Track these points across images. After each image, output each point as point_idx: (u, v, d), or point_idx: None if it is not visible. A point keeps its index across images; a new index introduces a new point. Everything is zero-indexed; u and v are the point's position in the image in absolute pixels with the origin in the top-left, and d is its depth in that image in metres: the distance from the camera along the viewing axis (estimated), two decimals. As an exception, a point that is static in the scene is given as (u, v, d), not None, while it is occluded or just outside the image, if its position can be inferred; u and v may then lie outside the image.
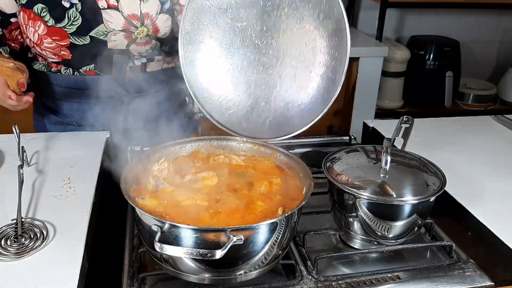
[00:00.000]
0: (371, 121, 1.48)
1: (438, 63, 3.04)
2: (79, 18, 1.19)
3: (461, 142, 1.39)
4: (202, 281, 0.83)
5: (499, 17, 3.42)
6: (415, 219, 0.92)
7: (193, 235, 0.76)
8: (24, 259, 0.84)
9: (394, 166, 0.95)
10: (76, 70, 1.28)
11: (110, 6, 1.20)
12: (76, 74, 1.28)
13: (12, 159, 1.15)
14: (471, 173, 1.21)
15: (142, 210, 0.80)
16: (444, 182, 0.94)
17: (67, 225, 0.93)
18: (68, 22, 1.19)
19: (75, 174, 1.11)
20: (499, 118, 1.55)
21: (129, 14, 1.22)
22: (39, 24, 1.19)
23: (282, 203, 0.88)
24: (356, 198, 0.90)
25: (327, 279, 0.88)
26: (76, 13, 1.19)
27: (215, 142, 1.06)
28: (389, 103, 3.08)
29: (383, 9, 2.82)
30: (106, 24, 1.21)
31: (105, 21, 1.21)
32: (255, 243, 0.78)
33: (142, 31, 1.24)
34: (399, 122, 1.09)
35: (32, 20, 1.19)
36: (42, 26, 1.19)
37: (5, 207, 0.97)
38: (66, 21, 1.19)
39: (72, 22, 1.19)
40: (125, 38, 1.24)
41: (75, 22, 1.19)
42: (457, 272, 0.91)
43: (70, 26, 1.20)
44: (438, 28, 3.27)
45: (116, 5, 1.21)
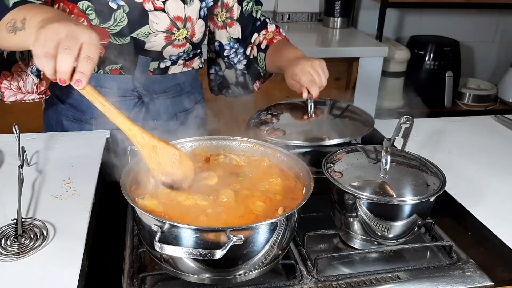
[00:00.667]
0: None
1: (438, 63, 3.04)
2: (125, 19, 1.19)
3: (461, 142, 1.39)
4: (202, 281, 0.83)
5: (499, 17, 3.42)
6: (415, 219, 0.92)
7: (193, 235, 0.76)
8: (24, 259, 0.84)
9: (394, 166, 0.95)
10: (101, 68, 1.27)
11: (156, 8, 1.21)
12: (100, 72, 1.28)
13: (12, 159, 1.15)
14: (471, 173, 1.21)
15: (142, 210, 0.80)
16: (444, 182, 0.94)
17: (67, 225, 0.93)
18: (113, 23, 1.18)
19: (75, 174, 1.11)
20: (499, 118, 1.55)
21: (175, 16, 1.24)
22: (82, 20, 1.17)
23: (282, 203, 0.88)
24: (356, 198, 0.90)
25: (327, 279, 0.88)
26: (123, 14, 1.18)
27: (215, 142, 1.06)
28: (389, 103, 3.08)
29: (383, 9, 2.82)
30: (151, 25, 1.22)
31: (151, 22, 1.21)
32: (255, 243, 0.78)
33: (182, 33, 1.26)
34: (399, 122, 1.09)
35: (75, 15, 1.17)
36: (85, 23, 1.17)
37: (5, 207, 0.97)
38: (111, 22, 1.18)
39: (117, 23, 1.18)
40: (165, 40, 1.25)
41: (121, 23, 1.19)
42: (457, 272, 0.91)
43: (115, 27, 1.19)
44: (438, 28, 3.27)
45: (163, 7, 1.21)
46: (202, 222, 0.82)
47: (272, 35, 1.44)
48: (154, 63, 1.30)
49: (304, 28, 3.09)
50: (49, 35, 0.81)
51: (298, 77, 1.23)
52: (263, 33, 1.44)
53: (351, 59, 2.66)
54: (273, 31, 1.45)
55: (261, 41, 1.43)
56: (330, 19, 3.04)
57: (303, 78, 1.22)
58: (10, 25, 0.97)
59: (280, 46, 1.40)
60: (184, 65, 1.37)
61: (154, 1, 1.20)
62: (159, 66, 1.31)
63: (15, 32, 0.96)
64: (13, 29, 0.97)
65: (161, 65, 1.31)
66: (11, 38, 0.98)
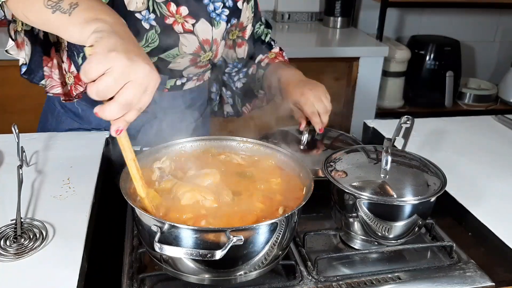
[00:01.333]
0: (371, 121, 1.48)
1: (439, 63, 3.04)
2: (157, 40, 1.15)
3: (461, 142, 1.38)
4: (202, 282, 0.82)
5: (500, 16, 3.42)
6: (415, 219, 0.91)
7: (192, 235, 0.75)
8: (23, 259, 0.84)
9: (394, 166, 0.95)
10: None
11: (186, 31, 1.19)
12: None
13: (12, 159, 1.15)
14: (471, 173, 1.21)
15: (142, 211, 0.79)
16: (445, 182, 0.93)
17: (67, 225, 0.93)
18: (145, 43, 1.14)
19: (75, 174, 1.10)
20: (500, 118, 1.54)
21: (204, 39, 1.22)
22: None
23: (282, 203, 0.88)
24: (357, 198, 0.90)
25: (327, 279, 0.88)
26: (155, 35, 1.15)
27: (215, 142, 1.06)
28: (389, 103, 3.08)
29: (384, 8, 2.82)
30: (180, 48, 1.19)
31: (181, 45, 1.19)
32: (255, 243, 0.78)
33: (207, 55, 1.25)
34: (399, 122, 1.09)
35: None
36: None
37: (4, 207, 0.97)
38: (143, 42, 1.14)
39: (149, 43, 1.15)
40: (190, 61, 1.23)
41: (152, 44, 1.15)
42: (457, 272, 0.91)
43: (146, 47, 1.15)
44: (439, 28, 3.27)
45: (192, 30, 1.19)
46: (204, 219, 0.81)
47: (274, 55, 1.44)
48: (171, 80, 1.27)
49: (304, 28, 3.09)
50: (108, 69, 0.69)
51: (301, 107, 1.21)
52: (266, 54, 1.44)
53: (351, 59, 2.66)
54: (276, 52, 1.45)
55: (263, 59, 1.43)
56: (330, 19, 3.04)
57: (306, 108, 1.20)
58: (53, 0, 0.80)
59: (280, 65, 1.39)
60: (198, 80, 1.35)
61: (184, 24, 1.18)
62: (175, 83, 1.28)
63: (56, 11, 0.79)
64: (55, 7, 0.80)
65: (177, 82, 1.29)
66: (43, 13, 0.80)
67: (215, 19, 1.23)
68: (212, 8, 1.22)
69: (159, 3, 1.15)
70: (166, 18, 1.16)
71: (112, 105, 0.71)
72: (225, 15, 1.24)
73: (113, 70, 0.69)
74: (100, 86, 0.69)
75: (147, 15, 1.13)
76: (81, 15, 0.78)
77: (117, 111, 0.71)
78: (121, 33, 0.75)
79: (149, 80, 0.72)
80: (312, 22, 3.17)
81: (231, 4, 1.26)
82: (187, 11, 1.18)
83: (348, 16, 3.04)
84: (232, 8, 1.26)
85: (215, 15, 1.23)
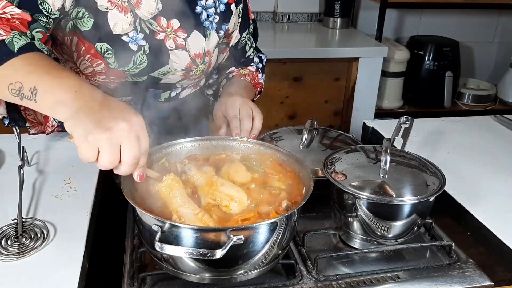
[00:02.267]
0: (370, 121, 1.48)
1: (438, 63, 3.04)
2: (145, 61, 1.11)
3: (460, 142, 1.39)
4: (202, 281, 0.83)
5: (499, 17, 3.43)
6: (414, 219, 0.92)
7: (193, 234, 0.76)
8: (24, 259, 0.85)
9: (393, 166, 0.95)
10: None
11: (178, 46, 1.14)
12: None
13: (13, 159, 1.15)
14: (470, 173, 1.21)
15: (143, 210, 0.80)
16: (444, 182, 0.94)
17: (68, 225, 0.93)
18: (132, 66, 1.10)
19: (76, 174, 1.11)
20: (499, 118, 1.55)
21: (195, 53, 1.17)
22: (99, 62, 1.09)
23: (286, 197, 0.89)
24: (356, 198, 0.90)
25: (327, 278, 0.88)
26: (143, 56, 1.10)
27: (215, 142, 1.06)
28: (388, 103, 3.08)
29: (383, 9, 2.83)
30: (170, 65, 1.15)
31: (171, 62, 1.14)
32: (255, 242, 0.79)
33: (200, 68, 1.20)
34: (398, 122, 1.09)
35: (92, 56, 1.08)
36: (102, 65, 1.09)
37: (6, 207, 0.97)
38: (131, 65, 1.10)
39: (137, 65, 1.10)
40: (182, 76, 1.20)
41: (141, 65, 1.11)
42: (456, 271, 0.91)
43: (134, 69, 1.11)
44: (438, 28, 3.28)
45: (184, 45, 1.14)
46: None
47: (247, 72, 1.32)
48: (165, 93, 1.24)
49: (304, 28, 3.09)
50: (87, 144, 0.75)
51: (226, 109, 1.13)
52: (240, 68, 1.34)
53: (351, 59, 2.67)
54: (252, 71, 1.33)
55: (233, 71, 1.33)
56: (330, 19, 3.04)
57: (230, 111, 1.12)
58: (15, 88, 0.82)
59: (240, 81, 1.29)
60: (193, 87, 1.31)
61: (175, 38, 1.13)
62: (170, 95, 1.25)
63: (22, 98, 0.83)
64: (19, 95, 0.82)
65: (172, 93, 1.25)
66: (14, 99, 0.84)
67: (208, 28, 1.18)
68: (205, 16, 1.17)
69: (148, 20, 1.09)
70: (157, 34, 1.11)
71: (122, 167, 0.78)
72: (215, 23, 1.19)
73: (102, 149, 0.75)
74: (103, 164, 0.76)
75: (134, 36, 1.08)
76: (45, 101, 0.81)
77: (128, 169, 0.79)
78: (84, 107, 0.77)
79: (133, 130, 0.77)
80: (312, 23, 3.17)
81: (222, 9, 1.20)
82: (178, 23, 1.13)
83: (348, 17, 3.05)
84: (223, 12, 1.20)
85: (208, 24, 1.18)
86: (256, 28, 1.39)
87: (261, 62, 1.37)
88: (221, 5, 1.20)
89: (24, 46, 0.86)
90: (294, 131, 1.25)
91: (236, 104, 1.12)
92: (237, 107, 1.11)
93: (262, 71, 1.37)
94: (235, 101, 1.12)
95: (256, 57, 1.37)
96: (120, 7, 1.06)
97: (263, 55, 1.39)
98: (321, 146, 1.20)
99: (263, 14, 3.13)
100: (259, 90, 1.35)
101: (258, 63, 1.36)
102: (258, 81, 1.34)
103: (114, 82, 1.15)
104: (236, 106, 1.11)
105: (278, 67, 2.55)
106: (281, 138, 1.22)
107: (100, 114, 0.77)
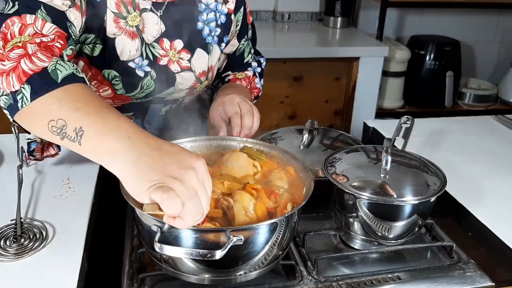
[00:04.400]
0: (371, 121, 1.48)
1: (439, 63, 3.04)
2: (152, 86, 1.10)
3: (461, 142, 1.39)
4: (202, 282, 0.82)
5: (500, 16, 3.42)
6: (415, 219, 0.91)
7: (192, 235, 0.75)
8: (23, 259, 0.84)
9: (394, 166, 0.95)
10: None
11: (183, 69, 1.13)
12: None
13: (12, 159, 1.15)
14: (471, 173, 1.21)
15: (142, 211, 0.79)
16: (445, 182, 0.93)
17: (67, 226, 0.93)
18: (139, 91, 1.09)
19: (75, 175, 1.10)
20: (500, 118, 1.55)
21: (200, 72, 1.17)
22: (106, 88, 1.07)
23: (289, 201, 0.89)
24: (357, 198, 0.90)
25: (327, 279, 0.88)
26: (151, 81, 1.09)
27: (215, 142, 1.06)
28: (389, 103, 3.08)
29: (384, 8, 2.82)
30: (176, 86, 1.14)
31: (177, 84, 1.14)
32: (255, 243, 0.78)
33: (204, 84, 1.20)
34: (399, 122, 1.09)
35: (98, 82, 1.06)
36: (109, 91, 1.08)
37: (4, 208, 0.97)
38: (138, 90, 1.09)
39: (144, 90, 1.10)
40: (186, 93, 1.20)
41: (147, 90, 1.10)
42: (457, 272, 0.91)
43: (141, 93, 1.10)
44: (439, 27, 3.27)
45: (189, 66, 1.14)
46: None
47: (244, 76, 1.29)
48: (166, 106, 1.23)
49: (304, 28, 3.09)
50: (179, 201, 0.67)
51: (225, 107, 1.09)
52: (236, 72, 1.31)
53: (351, 59, 2.67)
54: (249, 76, 1.30)
55: (229, 75, 1.30)
56: (330, 19, 3.04)
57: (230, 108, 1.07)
58: (56, 126, 0.72)
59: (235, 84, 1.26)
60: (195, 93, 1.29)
61: (179, 61, 1.12)
62: (171, 108, 1.25)
63: (64, 138, 0.72)
64: (61, 134, 0.72)
65: (173, 106, 1.24)
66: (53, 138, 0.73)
67: (210, 44, 1.17)
68: (207, 31, 1.16)
69: (151, 43, 1.08)
70: (159, 60, 1.09)
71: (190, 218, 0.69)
72: (216, 36, 1.18)
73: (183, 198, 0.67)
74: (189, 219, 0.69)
75: (140, 62, 1.07)
76: (92, 145, 0.71)
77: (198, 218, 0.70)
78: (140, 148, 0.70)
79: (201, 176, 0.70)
80: (312, 22, 3.17)
81: (223, 20, 1.19)
82: (182, 44, 1.11)
83: (348, 16, 3.04)
84: (224, 24, 1.19)
85: (210, 39, 1.17)
86: (254, 32, 1.37)
87: (259, 66, 1.34)
88: (222, 16, 1.18)
89: (68, 76, 0.76)
90: (294, 131, 1.25)
91: (235, 101, 1.08)
92: (237, 104, 1.08)
93: (261, 75, 1.34)
94: (233, 99, 1.09)
95: (255, 61, 1.34)
96: (128, 32, 1.05)
97: (262, 58, 1.37)
98: (322, 146, 1.19)
99: (263, 13, 3.13)
100: (255, 95, 1.32)
101: (256, 67, 1.33)
102: (254, 86, 1.32)
103: (118, 103, 1.14)
104: (235, 103, 1.08)
105: (278, 66, 2.55)
106: (281, 138, 1.22)
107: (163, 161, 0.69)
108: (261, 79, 1.34)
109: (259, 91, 1.33)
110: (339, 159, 1.00)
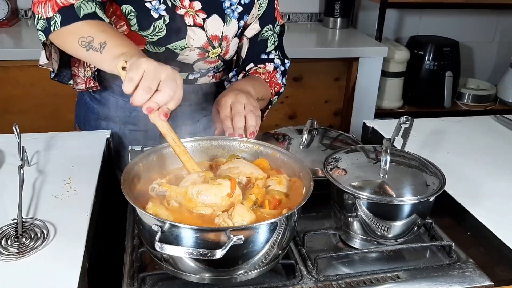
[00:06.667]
0: (370, 121, 1.48)
1: (438, 63, 3.04)
2: (164, 30, 1.18)
3: (460, 142, 1.39)
4: (202, 281, 0.83)
5: (499, 17, 3.43)
6: (414, 219, 0.92)
7: (193, 235, 0.76)
8: (24, 259, 0.85)
9: (393, 166, 0.96)
10: None
11: (196, 24, 1.20)
12: None
13: (13, 159, 1.15)
14: (470, 173, 1.21)
15: (143, 210, 0.80)
16: (444, 182, 0.94)
17: (68, 225, 0.93)
18: (152, 32, 1.17)
19: (76, 174, 1.11)
20: (499, 118, 1.55)
21: (212, 35, 1.22)
22: (122, 23, 1.17)
23: (286, 203, 0.89)
24: (356, 198, 0.90)
25: (327, 278, 0.88)
26: (162, 25, 1.17)
27: (215, 142, 1.06)
28: (388, 103, 3.08)
29: (383, 9, 2.83)
30: (187, 40, 1.20)
31: (188, 37, 1.20)
32: (255, 243, 0.79)
33: (216, 51, 1.25)
34: (398, 122, 1.09)
35: (117, 17, 1.17)
36: (125, 27, 1.18)
37: (6, 207, 0.97)
38: (150, 31, 1.17)
39: (156, 32, 1.17)
40: (198, 55, 1.24)
41: (159, 33, 1.18)
42: (456, 272, 0.91)
43: (153, 36, 1.18)
44: (438, 28, 3.28)
45: (202, 24, 1.20)
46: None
47: (264, 70, 1.32)
48: (183, 74, 1.26)
49: (304, 28, 3.09)
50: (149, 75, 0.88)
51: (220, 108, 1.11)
52: (258, 66, 1.33)
53: (351, 59, 2.67)
54: (269, 70, 1.33)
55: (251, 68, 1.33)
56: (330, 19, 3.04)
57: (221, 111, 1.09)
58: (85, 41, 1.00)
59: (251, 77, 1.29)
60: (213, 77, 1.33)
61: (195, 17, 1.19)
62: (187, 77, 1.28)
63: (89, 49, 1.00)
64: (88, 46, 1.00)
65: (189, 76, 1.28)
66: (79, 51, 1.02)
67: (228, 15, 1.23)
68: (228, 4, 1.23)
69: None
70: (178, 9, 1.17)
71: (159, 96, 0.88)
72: (237, 12, 1.24)
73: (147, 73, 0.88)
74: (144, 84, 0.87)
75: (157, 5, 1.16)
76: (111, 53, 0.98)
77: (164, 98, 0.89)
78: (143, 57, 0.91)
79: (175, 76, 0.90)
80: (312, 23, 3.17)
81: (247, 1, 1.25)
82: (200, 5, 1.19)
83: (348, 17, 3.05)
84: (247, 4, 1.25)
85: (229, 11, 1.23)
86: (283, 32, 1.39)
87: (283, 65, 1.37)
88: None
89: (89, 13, 1.04)
90: (294, 131, 1.25)
91: (227, 103, 1.09)
92: (228, 107, 1.09)
93: (283, 74, 1.37)
94: (226, 101, 1.10)
95: (279, 59, 1.36)
96: None
97: (287, 60, 1.39)
98: (321, 146, 1.20)
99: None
100: (276, 90, 1.34)
101: (279, 65, 1.35)
102: (276, 81, 1.33)
103: None
104: (227, 105, 1.09)
105: (278, 67, 2.55)
106: (281, 138, 1.22)
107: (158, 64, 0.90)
108: (284, 77, 1.37)
109: (280, 86, 1.35)
110: (338, 159, 1.00)
